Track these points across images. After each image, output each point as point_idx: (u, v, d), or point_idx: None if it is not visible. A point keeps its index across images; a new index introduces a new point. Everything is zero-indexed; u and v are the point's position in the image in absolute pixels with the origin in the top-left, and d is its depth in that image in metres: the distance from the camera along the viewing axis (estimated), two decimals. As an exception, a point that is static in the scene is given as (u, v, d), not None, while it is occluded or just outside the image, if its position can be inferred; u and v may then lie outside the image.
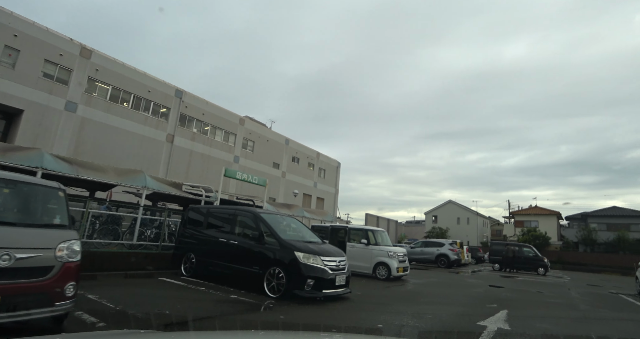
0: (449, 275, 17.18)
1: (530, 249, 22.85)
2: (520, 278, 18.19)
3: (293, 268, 6.99)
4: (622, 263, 36.08)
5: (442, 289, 11.12)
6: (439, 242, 22.75)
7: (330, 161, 48.84)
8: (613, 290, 14.92)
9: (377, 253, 12.41)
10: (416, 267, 21.22)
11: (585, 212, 44.65)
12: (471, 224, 49.07)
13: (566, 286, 15.09)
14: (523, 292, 11.81)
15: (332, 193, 48.75)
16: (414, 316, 6.48)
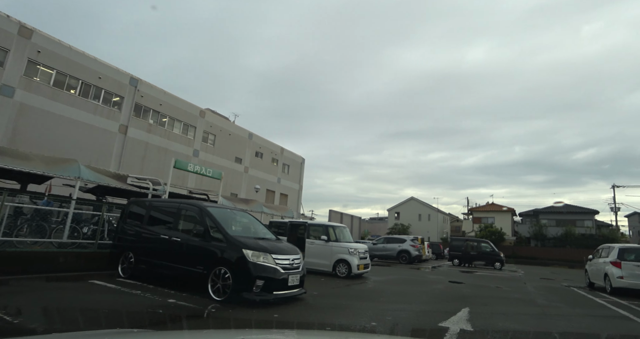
0: (410, 271, 16.98)
1: (488, 244, 23.27)
2: (479, 273, 18.33)
3: (240, 267, 6.22)
4: (569, 256, 37.94)
5: (403, 287, 10.72)
6: (401, 239, 22.64)
7: (295, 157, 48.03)
8: (565, 283, 15.26)
9: (338, 250, 11.84)
10: (378, 263, 20.97)
11: (537, 209, 46.69)
12: (432, 220, 50.01)
13: (522, 280, 15.26)
14: (483, 288, 11.68)
15: (296, 189, 48.02)
16: (373, 318, 5.91)
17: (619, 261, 11.69)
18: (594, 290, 12.90)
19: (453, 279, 14.05)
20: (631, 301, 10.05)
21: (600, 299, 10.47)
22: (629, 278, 11.37)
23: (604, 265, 12.33)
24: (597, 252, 13.84)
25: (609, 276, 11.83)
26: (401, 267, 19.29)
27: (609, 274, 11.87)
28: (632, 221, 50.32)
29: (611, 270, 11.79)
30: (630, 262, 11.52)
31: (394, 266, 19.96)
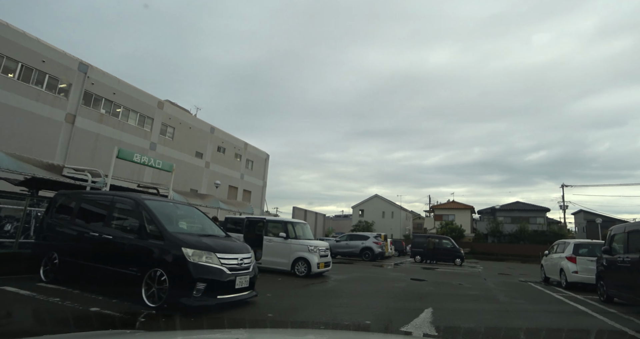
0: (372, 269, 16.61)
1: (449, 241, 23.45)
2: (440, 269, 18.30)
3: (179, 268, 5.39)
4: (522, 251, 39.45)
5: (364, 286, 10.21)
6: (364, 236, 22.32)
7: (259, 153, 46.82)
8: (522, 278, 15.44)
9: (297, 248, 11.15)
10: (341, 261, 20.51)
11: (494, 207, 48.37)
12: (395, 217, 50.53)
13: (481, 276, 15.28)
14: (444, 285, 11.41)
15: (259, 186, 46.84)
16: (328, 324, 5.28)
17: (574, 256, 11.82)
18: (549, 285, 13.04)
19: (415, 276, 13.77)
20: (586, 296, 10.10)
21: (558, 294, 10.47)
22: (583, 273, 11.50)
23: (560, 260, 12.46)
24: (553, 248, 14.05)
25: (565, 271, 11.94)
26: (364, 264, 18.93)
27: (564, 269, 11.98)
28: (577, 218, 53.25)
29: (567, 265, 11.90)
30: (585, 257, 11.67)
31: (356, 263, 19.57)
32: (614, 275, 8.71)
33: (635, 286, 7.67)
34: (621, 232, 8.62)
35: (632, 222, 8.28)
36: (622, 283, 8.30)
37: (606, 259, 9.14)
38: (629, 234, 8.21)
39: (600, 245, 12.14)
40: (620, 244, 8.66)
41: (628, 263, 7.97)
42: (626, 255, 8.12)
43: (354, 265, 18.19)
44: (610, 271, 8.90)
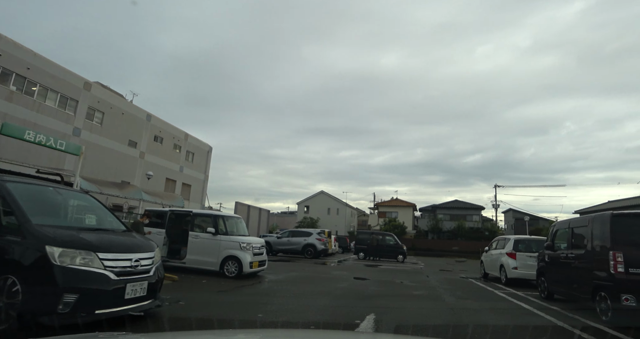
0: (314, 267, 15.64)
1: (392, 237, 23.22)
2: (383, 267, 17.82)
3: (38, 274, 3.90)
4: (459, 247, 41.00)
5: (302, 287, 9.13)
6: (307, 232, 21.34)
7: (201, 145, 44.10)
8: (462, 274, 15.33)
9: (227, 245, 9.79)
10: (281, 259, 19.35)
11: (435, 205, 49.98)
12: (340, 214, 50.31)
13: (424, 273, 14.93)
14: (387, 284, 10.71)
15: (201, 179, 44.17)
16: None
17: (514, 252, 11.70)
18: (489, 281, 12.90)
19: (358, 274, 13.01)
20: (526, 292, 9.87)
21: (499, 291, 10.17)
22: (522, 269, 11.39)
23: (500, 256, 12.33)
24: (493, 244, 14.01)
25: (505, 267, 11.80)
26: (306, 262, 17.93)
27: (504, 265, 11.83)
28: (507, 216, 56.82)
29: (507, 261, 11.76)
30: (524, 253, 11.58)
31: (298, 261, 18.53)
32: (557, 271, 8.45)
33: (579, 283, 7.38)
34: (565, 228, 8.37)
35: (577, 217, 8.02)
36: (564, 280, 8.03)
37: (548, 255, 8.90)
38: (574, 229, 7.94)
39: (539, 241, 12.16)
40: (563, 240, 8.42)
41: (572, 258, 7.68)
42: (570, 251, 7.83)
43: (295, 263, 17.13)
44: (553, 267, 8.65)
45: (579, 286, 7.38)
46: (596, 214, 7.16)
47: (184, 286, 8.18)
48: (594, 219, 7.13)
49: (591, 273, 6.88)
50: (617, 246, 6.39)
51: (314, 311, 6.21)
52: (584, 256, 7.26)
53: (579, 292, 7.40)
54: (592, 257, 6.99)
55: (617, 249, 6.34)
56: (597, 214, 7.09)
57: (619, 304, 6.11)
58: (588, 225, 7.27)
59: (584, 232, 7.46)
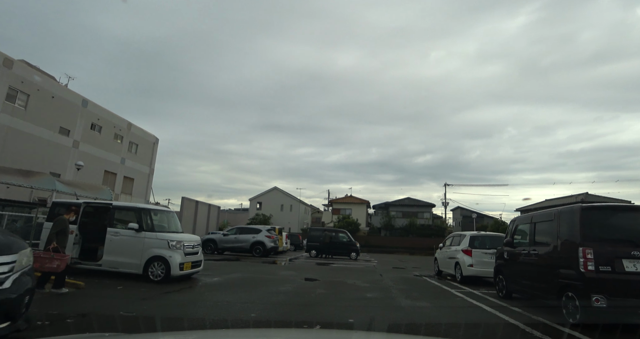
0: (261, 267, 14.35)
1: (345, 234, 22.44)
2: (335, 265, 16.91)
3: None
4: (411, 244, 41.44)
5: (239, 294, 7.82)
6: (256, 229, 19.93)
7: (146, 136, 40.92)
8: (416, 272, 14.77)
9: (152, 243, 8.26)
10: (228, 258, 17.84)
11: (388, 202, 50.29)
12: (294, 211, 49.09)
13: (377, 272, 14.17)
14: (339, 285, 9.71)
15: (145, 173, 41.00)
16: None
17: (470, 249, 11.19)
18: (443, 279, 12.36)
19: (307, 274, 11.93)
20: (483, 291, 9.31)
21: (456, 290, 9.52)
22: (478, 266, 10.90)
23: (455, 253, 11.80)
24: (447, 241, 13.53)
25: (460, 264, 11.26)
26: (254, 261, 16.58)
27: (460, 262, 11.30)
28: (455, 214, 58.78)
29: (462, 258, 11.23)
30: (480, 249, 11.11)
31: (245, 260, 17.13)
32: (517, 269, 7.88)
33: (542, 282, 6.79)
34: (526, 223, 7.80)
35: (542, 211, 7.44)
36: (526, 278, 7.45)
37: (508, 252, 8.33)
38: (537, 225, 7.37)
39: (495, 237, 11.77)
40: (524, 236, 7.85)
41: (535, 256, 7.09)
42: (532, 247, 7.25)
43: (241, 262, 15.73)
44: (513, 265, 8.08)
45: (542, 285, 6.78)
46: (563, 208, 6.57)
47: (89, 295, 6.61)
48: (561, 213, 6.54)
49: (557, 272, 6.27)
50: (587, 242, 5.79)
51: (245, 324, 4.99)
52: (548, 253, 6.66)
53: (542, 292, 6.81)
54: (558, 254, 6.38)
55: (587, 246, 5.74)
56: (565, 208, 6.51)
57: (589, 305, 5.51)
58: (554, 219, 6.67)
59: (548, 227, 6.87)
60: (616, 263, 5.65)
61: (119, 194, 37.32)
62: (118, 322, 4.78)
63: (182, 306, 6.25)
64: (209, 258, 16.78)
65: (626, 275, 5.58)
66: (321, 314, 5.89)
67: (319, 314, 5.86)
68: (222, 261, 15.62)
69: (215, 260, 15.95)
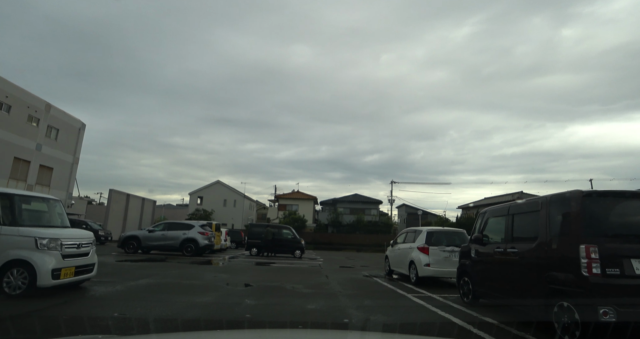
0: (188, 268, 12.07)
1: (290, 231, 20.61)
2: (277, 265, 15.03)
3: None
4: (358, 241, 40.70)
5: (138, 309, 5.59)
6: (187, 224, 17.40)
7: (70, 120, 36.03)
8: (365, 272, 13.33)
9: (10, 242, 5.83)
10: (152, 258, 15.25)
11: (335, 198, 49.29)
12: (238, 206, 46.20)
13: (323, 273, 12.51)
14: (274, 292, 7.86)
15: (68, 162, 36.10)
16: None
17: (427, 246, 9.90)
18: (395, 280, 11.00)
19: (241, 278, 9.95)
20: (442, 295, 8.00)
21: (413, 295, 8.09)
22: (436, 265, 9.62)
23: (410, 251, 10.47)
24: (400, 237, 12.23)
25: (416, 263, 9.92)
26: (183, 261, 14.19)
27: (415, 261, 9.96)
28: (400, 211, 59.46)
29: (418, 257, 9.89)
30: (437, 247, 9.86)
31: (174, 260, 14.68)
32: (488, 271, 6.57)
33: (523, 287, 5.49)
34: (501, 215, 6.49)
35: (524, 201, 6.13)
36: (500, 282, 6.15)
37: (476, 251, 7.02)
38: (516, 217, 6.08)
39: (454, 233, 10.58)
40: (498, 231, 6.56)
41: (513, 255, 5.79)
42: (510, 245, 5.94)
43: (166, 263, 13.30)
44: (483, 266, 6.77)
45: (523, 291, 5.48)
46: (554, 195, 5.27)
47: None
48: (551, 202, 5.22)
49: (545, 274, 4.94)
50: (591, 237, 4.50)
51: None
52: (533, 252, 5.34)
53: (521, 298, 5.49)
54: (547, 253, 5.05)
55: (591, 242, 4.45)
56: (556, 195, 5.20)
57: (594, 319, 4.20)
58: (541, 209, 5.35)
59: (533, 219, 5.56)
60: (625, 264, 4.41)
61: (33, 185, 32.34)
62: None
63: (35, 333, 4.04)
64: (128, 259, 14.13)
65: (637, 279, 4.36)
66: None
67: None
68: (141, 263, 13.08)
69: (134, 261, 13.36)
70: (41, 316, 4.91)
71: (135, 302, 6.10)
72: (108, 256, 14.88)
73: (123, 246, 16.65)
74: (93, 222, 27.20)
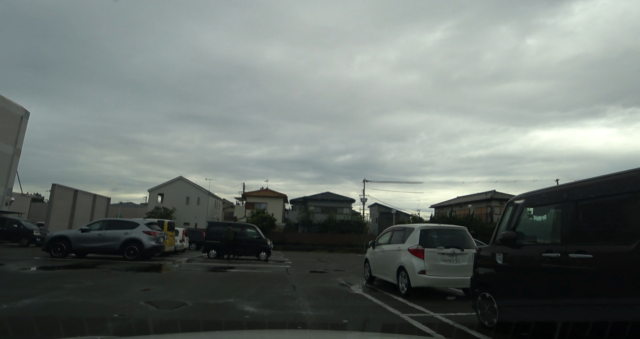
0: (116, 277, 9.29)
1: (254, 230, 18.02)
2: (236, 270, 12.45)
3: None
4: (330, 241, 38.47)
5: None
6: (130, 223, 14.38)
7: (9, 106, 31.58)
8: (341, 279, 11.03)
9: None
10: (79, 263, 12.27)
11: (306, 196, 46.87)
12: (202, 204, 42.73)
13: (290, 281, 10.07)
14: (215, 316, 5.32)
15: (7, 154, 31.61)
16: None
17: (421, 247, 7.71)
18: (379, 290, 8.77)
19: (178, 292, 7.38)
20: (450, 316, 5.83)
21: (410, 315, 5.85)
22: (433, 272, 7.44)
23: (399, 254, 8.25)
24: (383, 237, 10.00)
25: (407, 270, 7.69)
26: (118, 267, 11.34)
27: (407, 267, 7.73)
28: (372, 210, 57.90)
29: (410, 261, 7.68)
30: (434, 249, 7.70)
31: (107, 265, 11.80)
32: (528, 285, 4.42)
33: (605, 312, 3.38)
34: (552, 204, 4.35)
35: (593, 179, 3.93)
36: (553, 302, 4.02)
37: (506, 255, 4.86)
38: (581, 204, 3.93)
39: (454, 232, 8.50)
40: (546, 227, 4.43)
41: (583, 262, 3.65)
42: (574, 247, 3.80)
43: (94, 270, 10.43)
44: (518, 277, 4.62)
45: (602, 317, 3.35)
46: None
47: None
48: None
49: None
50: None
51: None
52: (628, 257, 3.22)
53: (600, 330, 3.38)
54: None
55: None
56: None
57: None
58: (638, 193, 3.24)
59: (623, 207, 3.45)
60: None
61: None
62: None
63: None
64: (46, 265, 11.14)
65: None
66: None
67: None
68: (60, 270, 10.15)
69: (50, 268, 10.40)
70: None
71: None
72: (22, 262, 11.78)
73: (49, 248, 13.52)
74: (29, 222, 23.39)
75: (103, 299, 6.17)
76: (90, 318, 4.85)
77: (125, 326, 4.49)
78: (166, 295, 6.86)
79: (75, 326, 4.45)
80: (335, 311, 6.05)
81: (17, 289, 6.77)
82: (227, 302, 6.35)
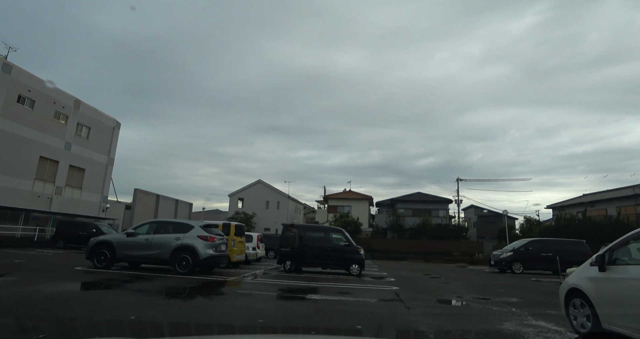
0: (108, 310, 5.36)
1: (342, 235, 13.30)
2: (318, 296, 7.89)
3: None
4: (423, 248, 32.30)
5: None
6: (183, 225, 10.75)
7: (102, 118, 32.12)
8: (523, 327, 5.77)
9: None
10: (125, 276, 8.85)
11: (394, 198, 41.11)
12: (282, 208, 39.75)
13: (421, 328, 5.19)
14: None
15: (102, 163, 32.12)
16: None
17: None
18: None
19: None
20: None
21: None
22: None
23: None
24: (626, 249, 4.59)
25: None
26: (151, 287, 7.64)
27: None
28: (467, 213, 49.66)
29: None
30: None
31: (143, 281, 8.21)
32: None
33: None
34: None
35: None
36: None
37: None
38: None
39: None
40: None
41: None
42: None
43: (107, 292, 6.81)
44: None
45: None
46: None
47: None
48: None
49: None
50: None
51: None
52: None
53: None
54: None
55: None
56: None
57: None
58: None
59: None
60: None
61: (62, 187, 28.40)
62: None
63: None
64: (69, 278, 7.84)
65: None
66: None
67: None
68: (66, 291, 6.65)
69: (66, 284, 6.98)
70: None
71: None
72: (52, 273, 8.77)
73: (91, 256, 10.55)
74: (108, 227, 21.98)
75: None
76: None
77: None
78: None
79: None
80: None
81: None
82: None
